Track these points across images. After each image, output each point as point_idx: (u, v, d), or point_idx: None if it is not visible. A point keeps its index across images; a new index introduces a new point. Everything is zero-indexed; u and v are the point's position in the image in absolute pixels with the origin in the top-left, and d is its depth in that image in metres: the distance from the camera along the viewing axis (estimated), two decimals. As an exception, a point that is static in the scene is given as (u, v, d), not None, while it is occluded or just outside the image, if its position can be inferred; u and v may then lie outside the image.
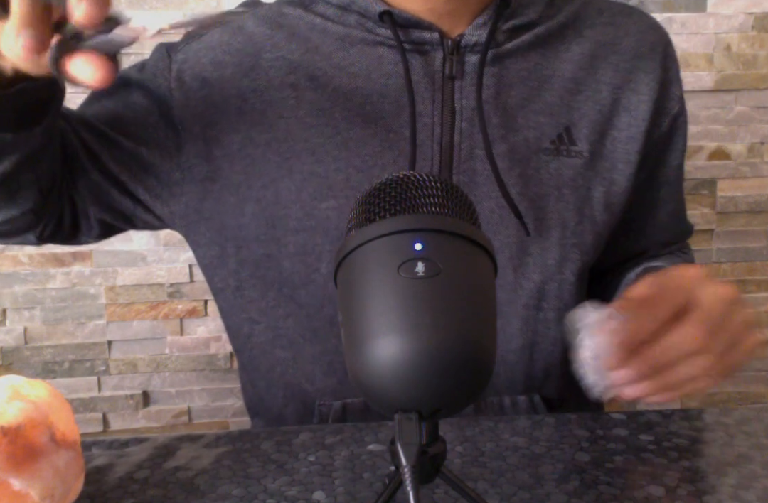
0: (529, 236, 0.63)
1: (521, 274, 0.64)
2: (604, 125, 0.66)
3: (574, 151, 0.65)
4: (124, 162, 0.65)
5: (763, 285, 1.38)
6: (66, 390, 1.27)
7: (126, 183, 0.65)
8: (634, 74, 0.67)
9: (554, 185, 0.64)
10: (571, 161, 0.65)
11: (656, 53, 0.69)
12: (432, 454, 0.36)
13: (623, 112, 0.67)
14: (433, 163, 0.63)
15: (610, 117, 0.66)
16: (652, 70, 0.68)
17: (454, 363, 0.31)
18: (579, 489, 0.47)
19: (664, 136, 0.70)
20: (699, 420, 0.59)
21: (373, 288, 0.33)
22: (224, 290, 0.69)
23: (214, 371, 1.31)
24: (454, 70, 0.63)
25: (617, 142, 0.67)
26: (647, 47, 0.68)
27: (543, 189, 0.64)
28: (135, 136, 0.65)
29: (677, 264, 0.67)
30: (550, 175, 0.64)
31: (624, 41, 0.68)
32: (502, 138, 0.63)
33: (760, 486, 0.47)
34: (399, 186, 0.36)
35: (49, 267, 1.24)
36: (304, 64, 0.63)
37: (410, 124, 0.61)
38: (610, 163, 0.66)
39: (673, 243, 0.78)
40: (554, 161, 0.64)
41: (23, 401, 0.40)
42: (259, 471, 0.50)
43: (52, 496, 0.39)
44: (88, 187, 0.65)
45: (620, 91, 0.67)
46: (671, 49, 0.71)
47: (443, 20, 0.63)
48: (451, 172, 0.63)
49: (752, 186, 1.35)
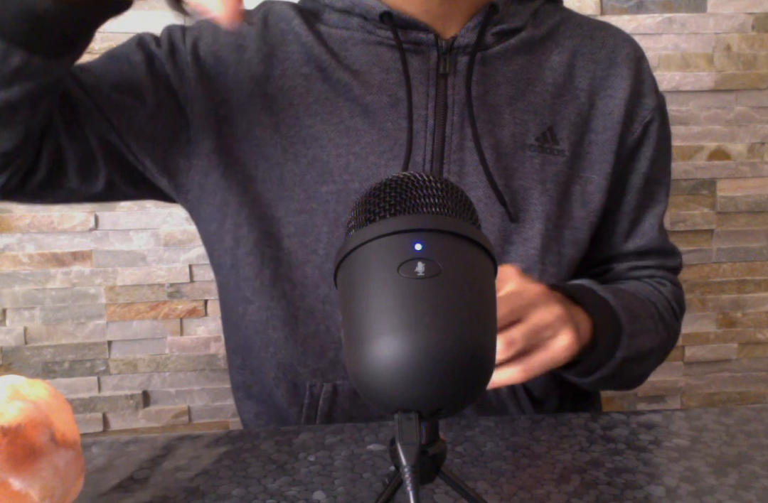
0: (514, 222, 0.68)
1: (503, 263, 0.68)
2: (582, 128, 0.71)
3: (556, 149, 0.69)
4: (135, 130, 0.66)
5: (763, 285, 1.38)
6: (66, 390, 1.27)
7: (137, 153, 0.67)
8: (610, 80, 0.72)
9: (538, 179, 0.69)
10: (554, 158, 0.69)
11: (631, 61, 0.73)
12: (432, 454, 0.35)
13: (600, 116, 0.71)
14: (425, 152, 0.67)
15: (587, 120, 0.71)
16: (627, 78, 0.72)
17: (454, 363, 0.31)
18: (579, 489, 0.47)
19: (635, 142, 0.73)
20: (699, 420, 0.59)
21: (373, 289, 0.33)
22: (222, 267, 0.72)
23: (214, 371, 1.31)
24: (447, 68, 0.68)
25: (594, 144, 0.71)
26: (622, 57, 0.73)
27: (527, 182, 0.69)
28: (148, 105, 0.66)
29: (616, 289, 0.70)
30: (534, 169, 0.69)
31: (601, 51, 0.73)
32: (489, 132, 0.68)
33: (760, 486, 0.47)
34: (399, 186, 0.36)
35: (49, 267, 1.24)
36: (315, 57, 0.68)
37: (407, 115, 0.66)
38: (588, 162, 0.71)
39: (642, 257, 0.76)
40: (538, 157, 0.69)
41: (23, 401, 0.40)
42: (259, 471, 0.50)
43: (52, 496, 0.39)
44: (103, 148, 0.65)
45: (597, 97, 0.71)
46: (646, 64, 0.75)
47: (438, 23, 0.68)
48: (442, 161, 0.67)
49: (752, 186, 1.34)
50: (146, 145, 0.67)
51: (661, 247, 0.77)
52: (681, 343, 1.39)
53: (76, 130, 0.64)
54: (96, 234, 1.25)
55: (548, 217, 0.69)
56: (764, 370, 1.42)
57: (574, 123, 0.70)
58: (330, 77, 0.67)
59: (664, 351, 0.74)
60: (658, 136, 0.74)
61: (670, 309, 0.74)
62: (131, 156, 0.67)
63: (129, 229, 1.25)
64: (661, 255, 0.77)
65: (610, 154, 0.71)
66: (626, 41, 0.75)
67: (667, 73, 1.29)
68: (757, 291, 1.39)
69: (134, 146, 0.66)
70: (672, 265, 0.78)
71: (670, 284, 0.77)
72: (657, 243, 0.76)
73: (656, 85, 0.75)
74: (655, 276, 0.77)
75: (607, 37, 0.74)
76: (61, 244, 1.24)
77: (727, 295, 1.38)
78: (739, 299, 1.38)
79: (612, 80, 0.72)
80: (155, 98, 0.66)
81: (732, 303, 1.38)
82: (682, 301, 0.78)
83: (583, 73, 0.71)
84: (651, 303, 0.71)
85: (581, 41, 0.72)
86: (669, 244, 0.78)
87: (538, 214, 0.68)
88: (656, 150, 0.74)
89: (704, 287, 1.37)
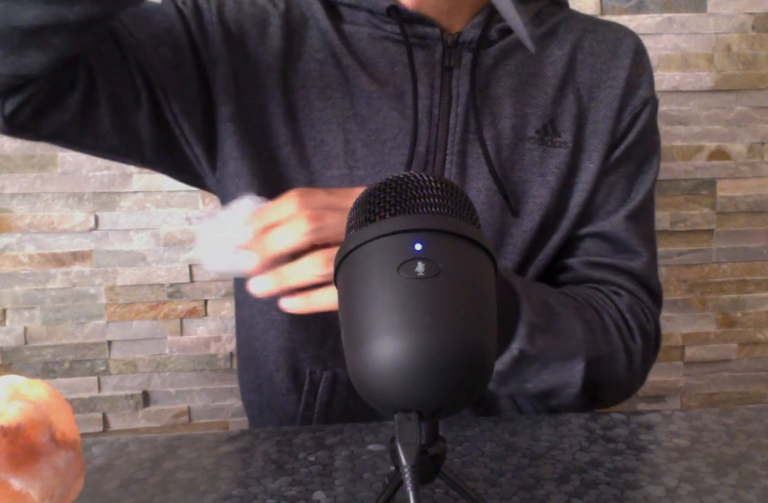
0: (515, 217, 0.68)
1: (501, 255, 0.69)
2: (583, 119, 0.71)
3: (558, 141, 0.70)
4: (177, 86, 0.66)
5: (763, 285, 1.38)
6: (66, 390, 1.27)
7: (177, 115, 0.66)
8: (611, 73, 0.72)
9: (538, 172, 0.70)
10: (556, 151, 0.70)
11: (632, 52, 0.73)
12: (432, 454, 0.36)
13: (601, 107, 0.72)
14: (429, 142, 0.68)
15: (588, 112, 0.72)
16: (626, 68, 0.73)
17: (454, 363, 0.31)
18: (579, 489, 0.47)
19: (621, 132, 0.73)
20: (699, 420, 0.59)
21: (373, 289, 0.33)
22: None
23: (214, 371, 1.31)
24: (452, 62, 0.69)
25: (594, 133, 0.71)
26: (623, 49, 0.73)
27: (526, 174, 0.69)
28: (186, 60, 0.66)
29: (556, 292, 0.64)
30: (533, 161, 0.70)
31: (602, 45, 0.73)
32: (490, 124, 0.69)
33: (760, 486, 0.47)
34: (399, 186, 0.36)
35: (49, 267, 1.24)
36: (330, 44, 0.69)
37: (413, 105, 0.67)
38: (588, 152, 0.71)
39: (598, 246, 0.72)
40: (538, 149, 0.70)
41: (23, 401, 0.40)
42: (259, 471, 0.50)
43: (52, 496, 0.39)
44: (148, 102, 0.65)
45: (598, 89, 0.72)
46: (646, 58, 0.75)
47: (443, 18, 0.69)
48: (445, 152, 0.68)
49: (752, 186, 1.34)
50: (187, 106, 0.66)
51: (625, 239, 0.71)
52: (681, 343, 1.39)
53: (116, 71, 0.63)
54: (96, 234, 1.25)
55: (547, 210, 0.69)
56: (764, 370, 1.42)
57: (575, 115, 0.71)
58: (341, 64, 0.68)
59: (605, 367, 0.63)
60: (642, 128, 0.73)
61: (621, 320, 0.67)
62: (171, 116, 0.66)
63: (129, 229, 1.25)
64: (621, 248, 0.72)
65: (606, 143, 0.71)
66: (628, 35, 0.75)
67: (667, 73, 1.29)
68: (757, 291, 1.38)
69: (176, 106, 0.66)
70: (634, 267, 0.71)
71: (628, 294, 0.70)
72: (621, 234, 0.71)
73: (653, 81, 0.75)
74: (614, 283, 0.71)
75: (609, 31, 0.74)
76: (61, 244, 1.24)
77: (727, 295, 1.38)
78: (739, 299, 1.38)
79: (613, 72, 0.72)
80: (192, 54, 0.67)
81: (732, 303, 1.38)
82: (642, 316, 0.69)
83: (584, 67, 0.72)
84: (591, 307, 0.65)
85: (582, 35, 0.73)
86: (636, 242, 0.72)
87: (537, 206, 0.69)
88: (636, 142, 0.73)
89: (704, 287, 1.37)
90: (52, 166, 1.22)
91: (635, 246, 0.72)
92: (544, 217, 0.69)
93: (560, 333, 0.60)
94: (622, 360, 0.65)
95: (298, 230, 0.50)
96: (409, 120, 0.67)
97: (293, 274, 0.51)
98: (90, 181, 1.23)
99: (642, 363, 0.68)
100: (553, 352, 0.59)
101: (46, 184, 1.23)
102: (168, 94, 0.65)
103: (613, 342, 0.64)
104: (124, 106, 0.64)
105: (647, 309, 0.71)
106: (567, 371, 0.61)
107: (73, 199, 1.24)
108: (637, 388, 0.70)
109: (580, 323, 0.62)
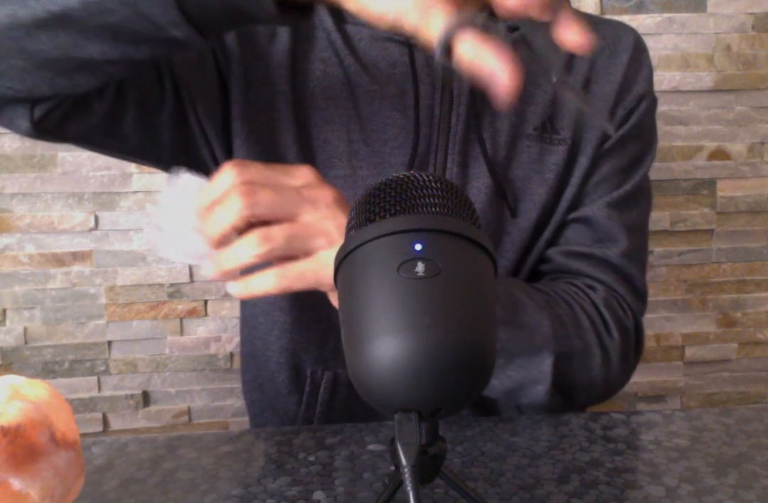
0: (514, 217, 0.69)
1: (499, 253, 0.69)
2: (582, 116, 0.71)
3: (557, 138, 0.70)
4: (200, 93, 0.66)
5: (763, 285, 1.38)
6: (66, 390, 1.26)
7: (201, 115, 0.66)
8: (610, 68, 0.72)
9: (536, 169, 0.70)
10: (555, 148, 0.70)
11: (632, 48, 0.73)
12: (432, 454, 0.35)
13: (596, 101, 0.72)
14: (430, 142, 0.68)
15: None
16: (625, 63, 0.73)
17: (454, 363, 0.31)
18: (579, 489, 0.47)
19: (615, 126, 0.73)
20: (699, 420, 0.59)
21: (373, 289, 0.33)
22: None
23: (214, 371, 1.31)
24: None
25: (590, 129, 0.72)
26: (623, 46, 0.73)
27: (524, 172, 0.70)
28: (206, 58, 0.66)
29: None
30: (532, 159, 0.70)
31: (602, 42, 0.73)
32: (490, 123, 0.69)
33: (760, 486, 0.47)
34: (399, 186, 0.36)
35: (49, 267, 1.24)
36: (333, 43, 0.69)
37: (414, 105, 0.67)
38: (584, 147, 0.72)
39: (576, 233, 0.72)
40: (536, 147, 0.70)
41: (23, 401, 0.40)
42: (259, 471, 0.50)
43: (52, 496, 0.39)
44: (173, 103, 0.65)
45: (597, 85, 0.72)
46: (645, 54, 0.75)
47: None
48: (446, 151, 0.69)
49: (752, 186, 1.34)
50: (209, 106, 0.66)
51: (606, 226, 0.70)
52: (681, 343, 1.39)
53: (147, 74, 0.63)
54: (96, 234, 1.25)
55: (543, 207, 0.70)
56: (764, 370, 1.42)
57: (574, 112, 0.71)
58: (344, 64, 0.69)
59: (578, 362, 0.62)
60: (637, 123, 0.73)
61: (596, 314, 0.66)
62: (194, 116, 0.66)
63: (129, 229, 1.25)
64: (600, 236, 0.71)
65: (599, 137, 0.71)
66: (628, 32, 0.75)
67: (667, 73, 1.29)
68: (757, 291, 1.38)
69: (200, 106, 0.66)
70: (611, 256, 0.70)
71: (603, 287, 0.68)
72: (601, 220, 0.70)
73: (652, 78, 0.75)
74: (589, 276, 0.70)
75: (609, 29, 0.75)
76: (61, 244, 1.24)
77: (727, 295, 1.38)
78: (739, 299, 1.38)
79: (611, 68, 0.73)
80: (211, 52, 0.67)
81: (732, 303, 1.38)
82: (620, 311, 0.67)
83: (583, 64, 0.72)
84: (563, 301, 0.64)
85: None
86: (617, 230, 0.70)
87: (535, 205, 0.70)
88: (630, 135, 0.73)
89: (704, 287, 1.37)
90: (52, 166, 1.22)
91: (615, 233, 0.70)
92: (540, 214, 0.70)
93: (524, 327, 0.58)
94: (596, 355, 0.63)
95: (232, 208, 0.47)
96: (411, 120, 0.68)
97: (229, 257, 0.48)
98: (90, 181, 1.23)
99: (620, 360, 0.65)
100: (517, 346, 0.58)
101: (46, 184, 1.23)
102: (193, 94, 0.66)
103: (586, 337, 0.63)
104: (149, 108, 0.64)
105: (625, 303, 0.69)
106: (534, 366, 0.59)
107: (73, 199, 1.24)
108: (617, 388, 0.68)
109: (548, 317, 0.60)
